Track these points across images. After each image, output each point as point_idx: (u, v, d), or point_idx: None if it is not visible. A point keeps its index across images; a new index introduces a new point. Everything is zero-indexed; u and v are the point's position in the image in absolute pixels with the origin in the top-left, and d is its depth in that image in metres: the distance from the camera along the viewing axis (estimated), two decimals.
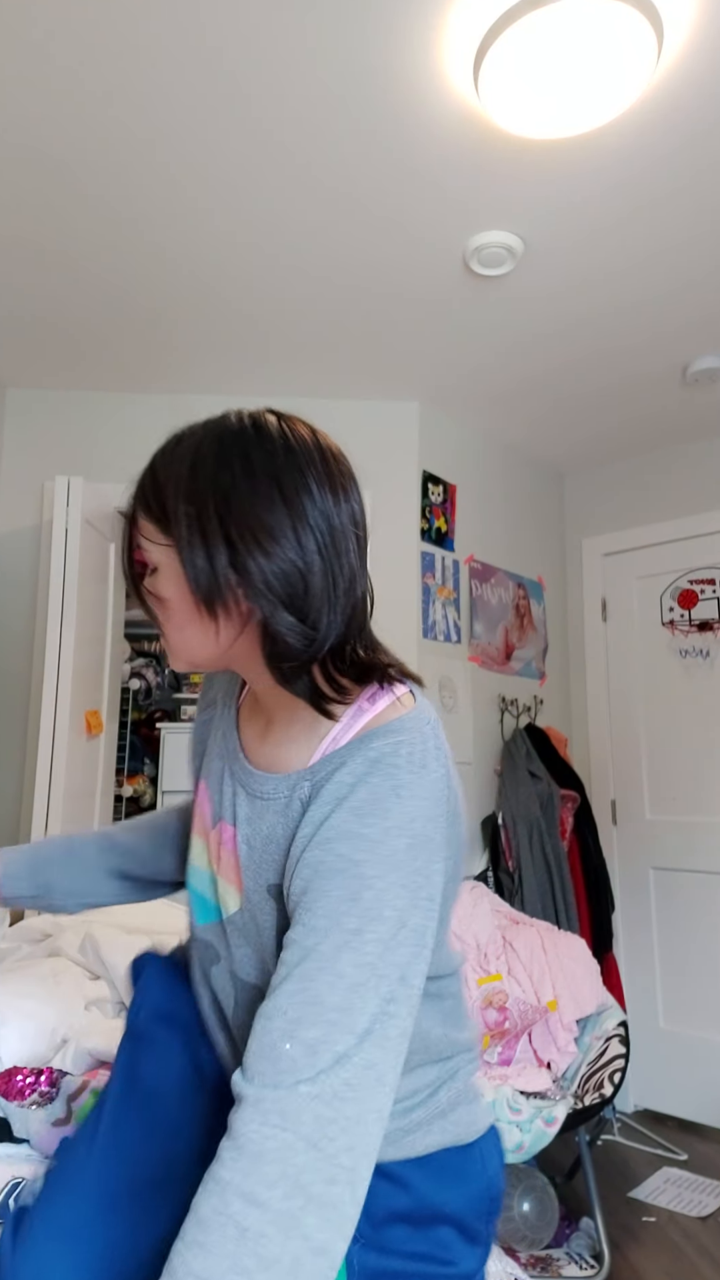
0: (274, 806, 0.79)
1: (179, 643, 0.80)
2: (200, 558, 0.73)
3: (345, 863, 0.70)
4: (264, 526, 0.72)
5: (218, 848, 0.85)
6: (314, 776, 0.77)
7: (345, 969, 0.68)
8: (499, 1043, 2.46)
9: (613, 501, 3.64)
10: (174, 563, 0.75)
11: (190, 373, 2.87)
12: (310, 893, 0.71)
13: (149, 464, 0.79)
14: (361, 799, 0.72)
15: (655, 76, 1.65)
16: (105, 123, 1.78)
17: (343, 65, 1.63)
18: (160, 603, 0.78)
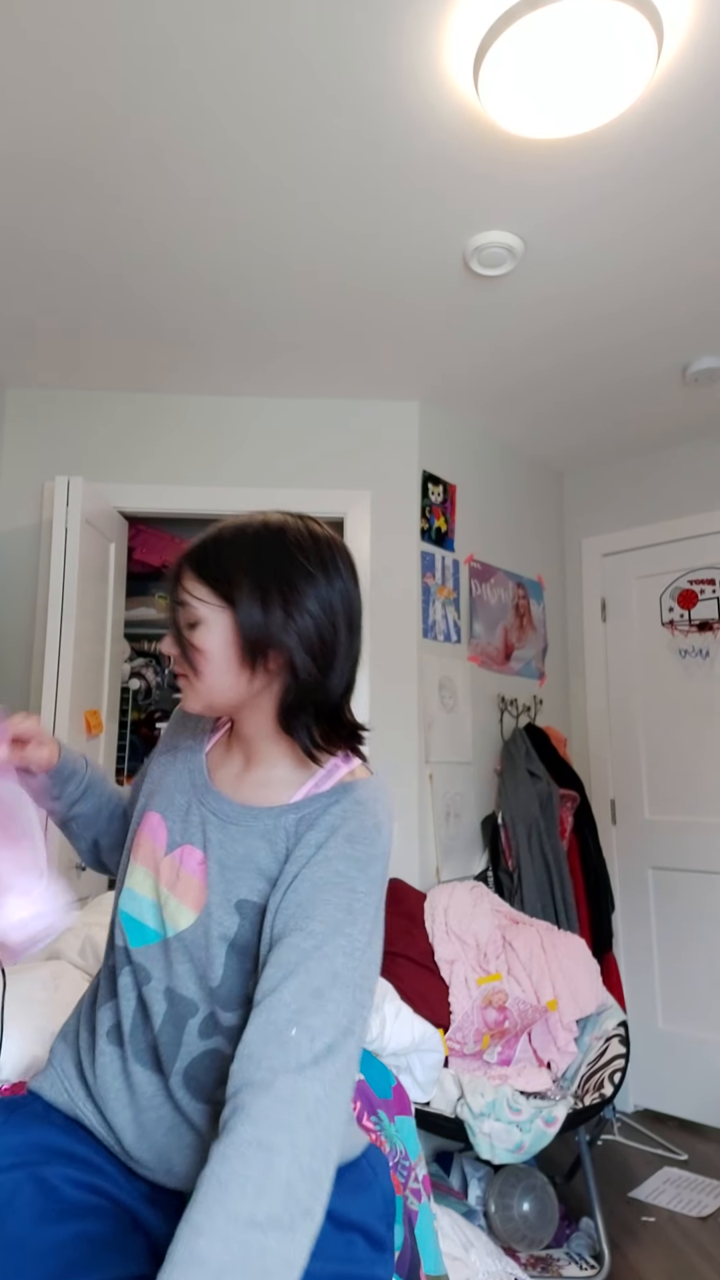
0: (255, 831, 0.95)
1: (208, 688, 0.96)
2: (256, 617, 0.92)
3: (341, 878, 0.88)
4: (306, 598, 0.93)
5: (174, 871, 0.98)
6: (300, 811, 0.95)
7: (340, 968, 0.84)
8: (499, 1043, 2.46)
9: (613, 501, 3.64)
10: (223, 621, 0.94)
11: (190, 373, 2.87)
12: (309, 904, 0.87)
13: (212, 540, 0.97)
14: (353, 829, 0.91)
15: (655, 76, 1.65)
16: (106, 123, 1.77)
17: (343, 65, 1.63)
18: (199, 653, 0.95)
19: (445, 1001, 2.46)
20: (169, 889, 0.97)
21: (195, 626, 0.95)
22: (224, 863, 0.95)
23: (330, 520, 3.06)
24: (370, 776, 1.00)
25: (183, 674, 0.99)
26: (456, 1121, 2.14)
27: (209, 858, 0.96)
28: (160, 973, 0.96)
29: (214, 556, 0.95)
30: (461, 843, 2.98)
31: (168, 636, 0.99)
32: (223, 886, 0.94)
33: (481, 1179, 2.35)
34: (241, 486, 2.98)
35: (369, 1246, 0.93)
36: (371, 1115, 1.49)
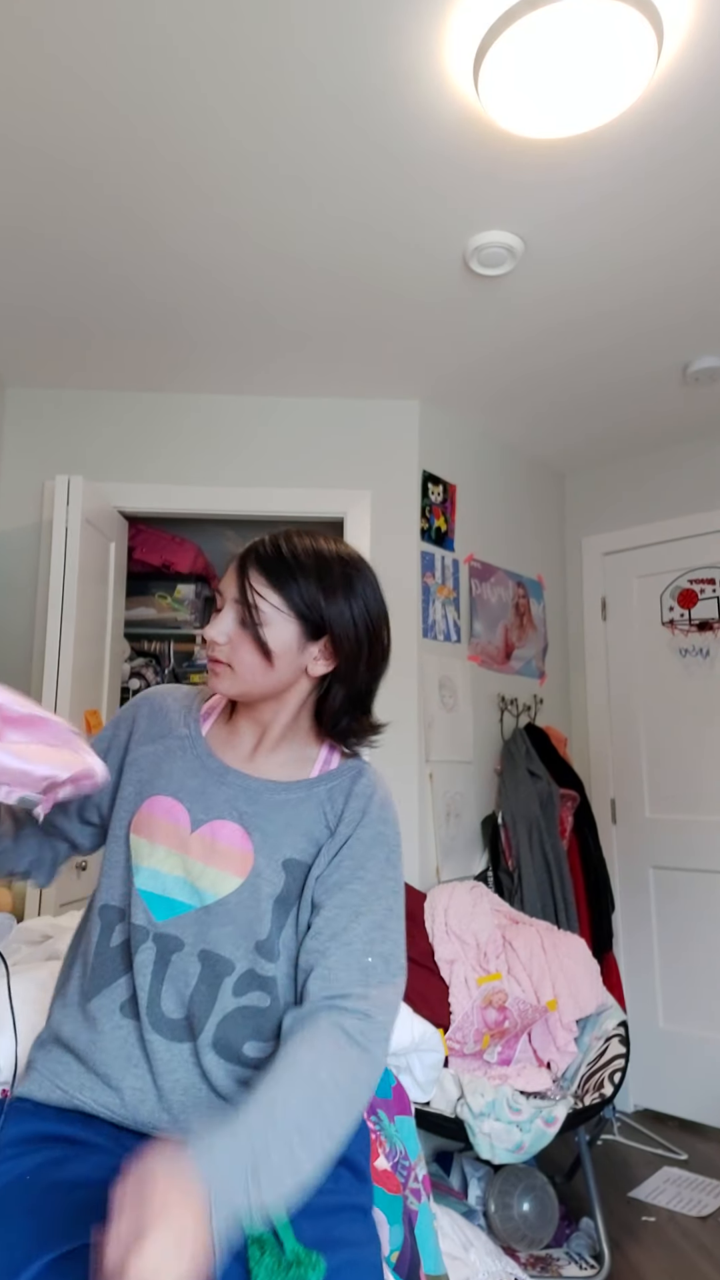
0: (292, 801, 1.11)
1: (256, 681, 1.09)
2: (316, 617, 1.09)
3: (382, 837, 1.11)
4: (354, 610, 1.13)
5: (207, 846, 1.08)
6: (327, 784, 1.14)
7: (395, 907, 1.08)
8: (499, 1042, 2.46)
9: (613, 501, 3.64)
10: (290, 629, 1.08)
11: (190, 372, 2.87)
12: (363, 858, 1.08)
13: (288, 552, 1.10)
14: (382, 797, 1.16)
15: (655, 76, 1.65)
16: (109, 123, 1.77)
17: (343, 65, 1.63)
18: (270, 652, 1.07)
19: (445, 1001, 2.46)
20: (204, 861, 1.07)
21: (263, 627, 1.06)
22: (265, 830, 1.08)
23: (330, 520, 3.06)
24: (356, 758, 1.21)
25: (224, 661, 1.08)
26: (456, 1121, 2.14)
27: (249, 828, 1.08)
28: (193, 938, 1.05)
29: (293, 570, 1.08)
30: (461, 842, 2.98)
31: (217, 622, 1.08)
32: (268, 850, 1.07)
33: (481, 1179, 2.35)
34: (241, 486, 2.98)
35: (353, 1178, 1.05)
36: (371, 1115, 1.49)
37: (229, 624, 1.08)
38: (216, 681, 1.10)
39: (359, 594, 1.14)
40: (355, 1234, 0.99)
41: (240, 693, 1.10)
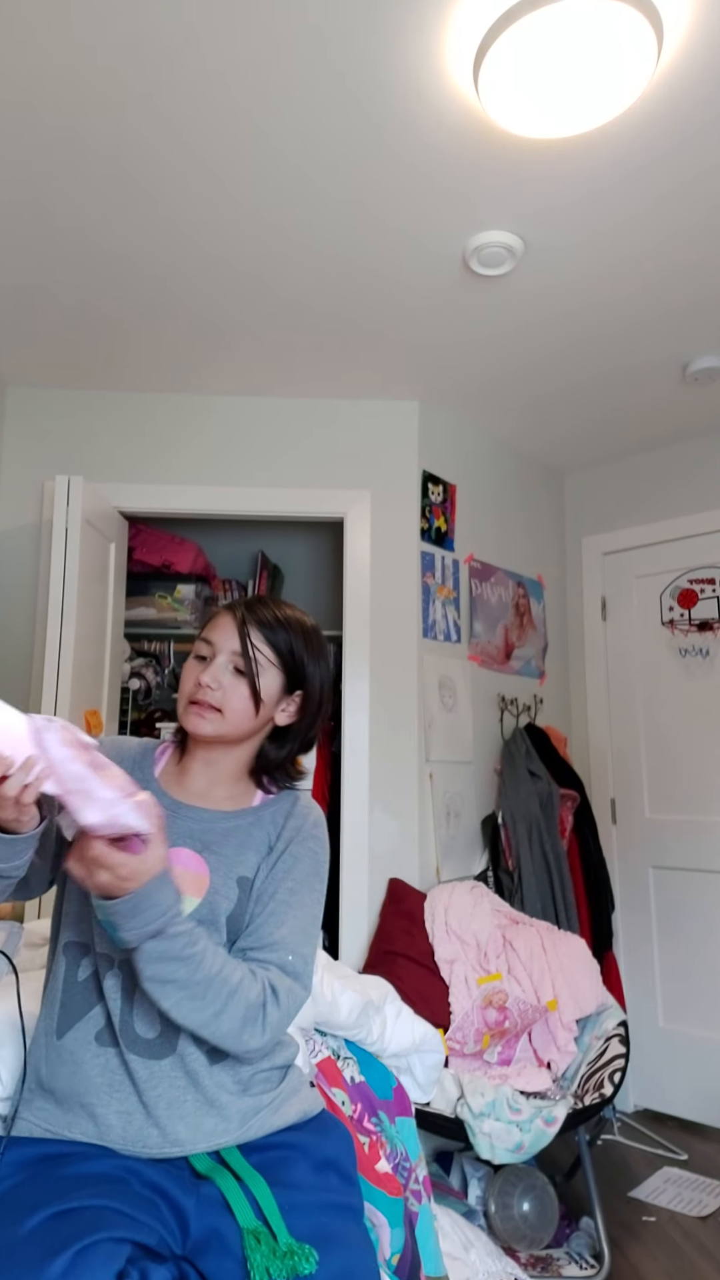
0: (242, 827, 1.23)
1: (241, 724, 1.22)
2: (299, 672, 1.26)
3: (311, 852, 1.24)
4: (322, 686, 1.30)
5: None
6: (270, 809, 1.27)
7: (314, 913, 1.21)
8: (499, 1042, 2.46)
9: (613, 501, 3.63)
10: (278, 680, 1.24)
11: (190, 373, 2.87)
12: (293, 869, 1.21)
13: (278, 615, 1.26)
14: (315, 818, 1.28)
15: (655, 77, 1.65)
16: (106, 122, 1.77)
17: (342, 65, 1.63)
18: (260, 700, 1.21)
19: (445, 1001, 2.47)
20: None
21: (258, 676, 1.21)
22: (220, 853, 1.20)
23: (330, 520, 3.06)
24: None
25: (215, 706, 1.20)
26: (456, 1121, 2.14)
27: (204, 853, 1.19)
28: None
29: (289, 632, 1.25)
30: (461, 843, 2.98)
31: (209, 670, 1.21)
32: (224, 870, 1.18)
33: (481, 1179, 2.35)
34: (242, 486, 2.98)
35: (341, 1180, 1.12)
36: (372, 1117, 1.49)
37: (223, 672, 1.21)
38: (201, 723, 1.20)
39: (326, 656, 1.30)
40: (349, 1234, 1.04)
41: (221, 734, 1.21)
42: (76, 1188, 0.99)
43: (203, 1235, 1.00)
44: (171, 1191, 1.03)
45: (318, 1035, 1.62)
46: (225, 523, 3.77)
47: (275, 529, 3.88)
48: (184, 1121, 1.08)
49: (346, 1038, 1.68)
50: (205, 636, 1.24)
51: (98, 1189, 1.00)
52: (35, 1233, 0.92)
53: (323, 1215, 1.03)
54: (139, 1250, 0.96)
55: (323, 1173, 1.10)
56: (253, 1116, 1.12)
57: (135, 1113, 1.08)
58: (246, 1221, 0.99)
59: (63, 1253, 0.88)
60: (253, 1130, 1.11)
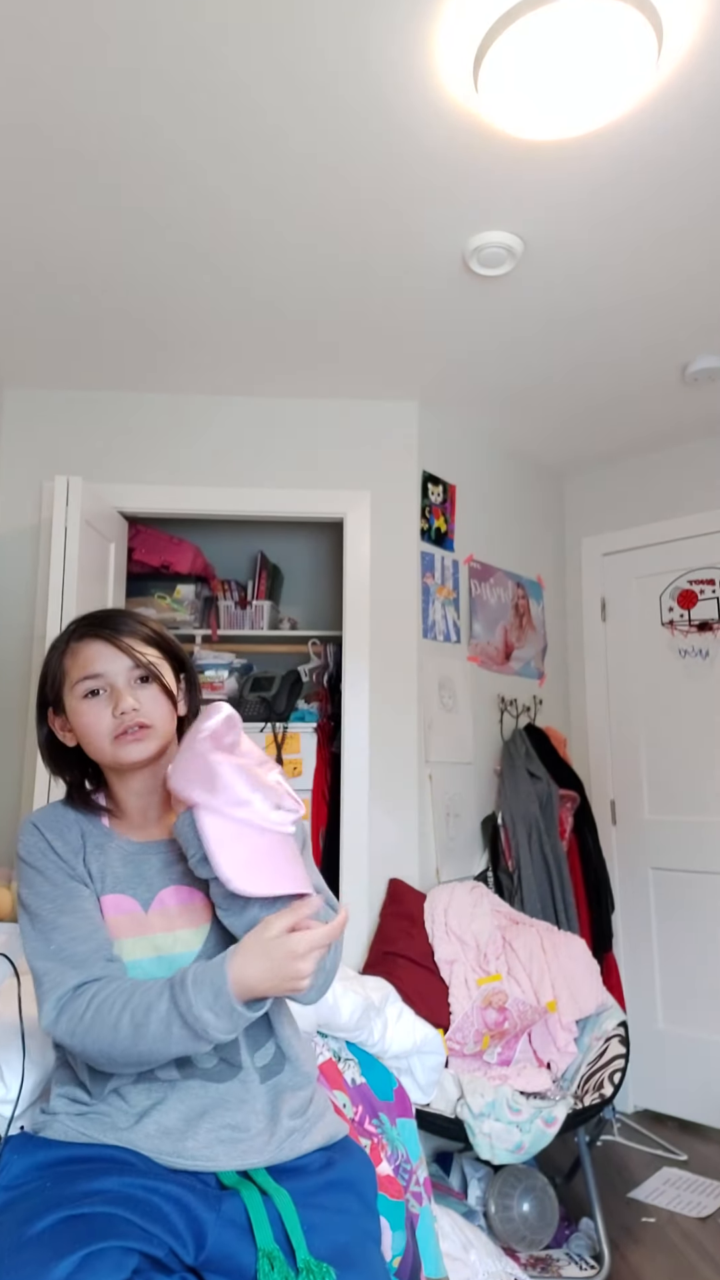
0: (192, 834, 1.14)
1: (168, 727, 1.20)
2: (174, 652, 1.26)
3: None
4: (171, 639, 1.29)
5: (164, 917, 1.16)
6: None
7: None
8: (498, 1043, 2.46)
9: (612, 501, 3.63)
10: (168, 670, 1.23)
11: (189, 374, 2.87)
12: None
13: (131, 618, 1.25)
14: None
15: (655, 77, 1.65)
16: (105, 124, 1.77)
17: (341, 65, 1.63)
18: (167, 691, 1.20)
19: (445, 1002, 2.47)
20: (168, 930, 1.16)
21: (161, 679, 1.19)
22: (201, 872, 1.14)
23: (330, 520, 3.06)
24: None
25: (146, 724, 1.17)
26: (456, 1122, 2.14)
27: (189, 882, 1.17)
28: None
29: (146, 628, 1.24)
30: (461, 843, 2.98)
31: (126, 696, 1.16)
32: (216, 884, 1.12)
33: (481, 1179, 2.35)
34: (241, 487, 2.98)
35: (361, 1205, 1.11)
36: (373, 1119, 1.49)
37: (131, 691, 1.17)
38: (139, 747, 1.17)
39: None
40: (369, 1258, 1.04)
41: (159, 746, 1.19)
42: (87, 1196, 0.99)
43: (218, 1253, 1.00)
44: (192, 1205, 1.03)
45: (319, 1037, 1.62)
46: (225, 523, 3.76)
47: (275, 529, 3.88)
48: (219, 1139, 1.09)
49: (347, 1040, 1.68)
50: (85, 675, 1.17)
51: (112, 1198, 1.00)
52: (45, 1234, 0.92)
53: (342, 1236, 1.04)
54: (147, 1261, 0.95)
55: (344, 1196, 1.11)
56: (285, 1139, 1.12)
57: (174, 1129, 1.09)
58: (265, 1243, 0.99)
59: (69, 1255, 0.88)
60: (284, 1152, 1.11)
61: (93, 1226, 0.93)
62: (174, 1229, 1.00)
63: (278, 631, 3.48)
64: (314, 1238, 1.01)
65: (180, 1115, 1.09)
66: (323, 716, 3.23)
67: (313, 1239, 1.01)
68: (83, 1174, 1.03)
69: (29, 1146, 1.09)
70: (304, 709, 3.23)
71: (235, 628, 3.46)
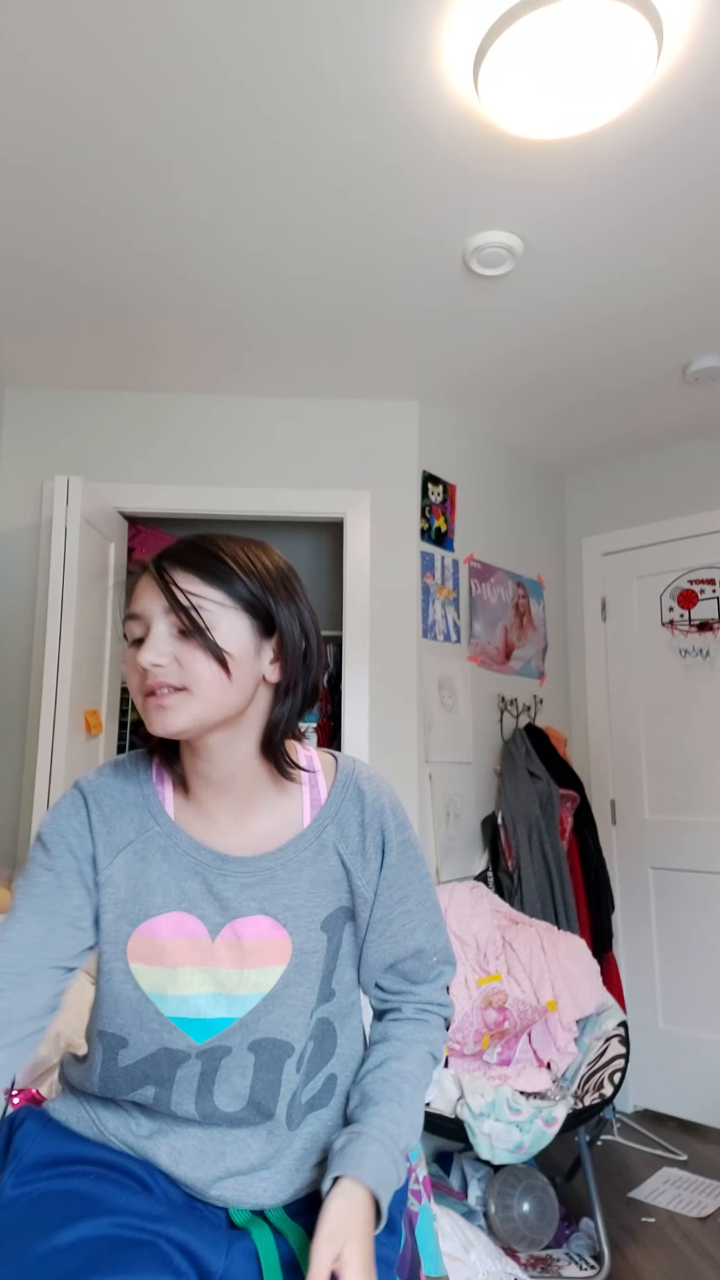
0: (304, 861, 1.00)
1: (218, 699, 0.91)
2: (264, 606, 0.94)
3: (412, 852, 1.07)
4: (299, 602, 0.98)
5: (234, 949, 0.97)
6: (333, 819, 1.02)
7: (436, 901, 1.10)
8: (498, 1043, 2.46)
9: (613, 501, 3.64)
10: (239, 621, 0.93)
11: (190, 373, 2.87)
12: (402, 881, 1.05)
13: (206, 542, 0.96)
14: (391, 804, 1.06)
15: (655, 77, 1.65)
16: (103, 123, 1.77)
17: (342, 65, 1.63)
18: (225, 655, 0.91)
19: None
20: (237, 967, 0.97)
21: (211, 630, 0.90)
22: (293, 908, 0.99)
23: (330, 520, 3.06)
24: (335, 754, 1.09)
25: (176, 685, 0.90)
26: (456, 1121, 2.14)
27: (273, 913, 0.98)
28: (241, 1041, 0.98)
29: (223, 560, 0.93)
30: (461, 843, 2.98)
31: (151, 646, 0.90)
32: (304, 925, 0.99)
33: (481, 1179, 2.35)
34: (241, 486, 2.98)
35: (384, 1230, 0.98)
36: None
37: (165, 642, 0.91)
38: (169, 716, 0.90)
39: (291, 578, 0.99)
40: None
41: (199, 721, 0.91)
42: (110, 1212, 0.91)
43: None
44: (197, 1250, 0.92)
45: None
46: (225, 523, 3.77)
47: (275, 529, 3.88)
48: (232, 1180, 0.99)
49: None
50: (131, 611, 0.94)
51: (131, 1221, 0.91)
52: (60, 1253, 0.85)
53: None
54: None
55: None
56: (303, 1181, 1.01)
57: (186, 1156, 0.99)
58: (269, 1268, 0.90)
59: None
60: (300, 1191, 1.01)
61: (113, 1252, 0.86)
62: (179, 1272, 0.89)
63: None
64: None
65: (194, 1145, 0.99)
66: (323, 716, 3.23)
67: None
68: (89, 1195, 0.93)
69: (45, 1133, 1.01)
70: None
71: None
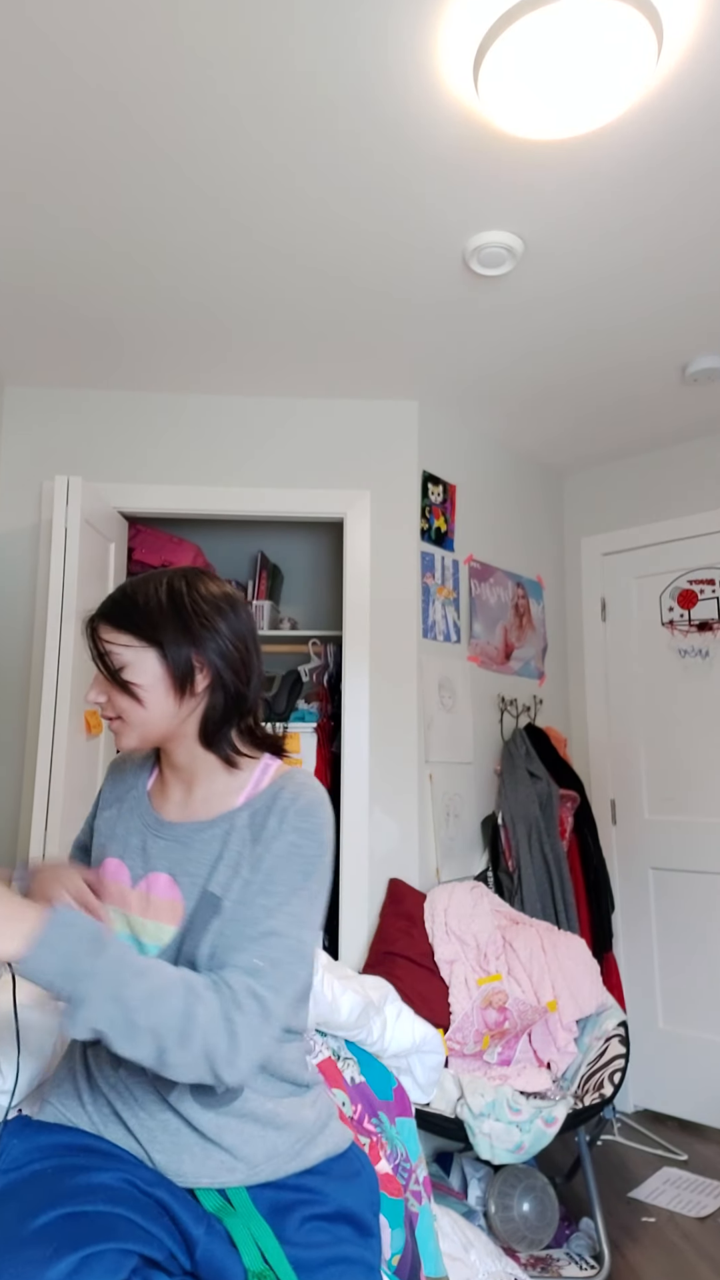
0: (215, 837, 1.11)
1: (143, 721, 1.11)
2: (183, 647, 1.10)
3: (297, 849, 1.07)
4: (219, 626, 1.12)
5: (143, 900, 1.11)
6: (250, 808, 1.12)
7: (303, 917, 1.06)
8: (499, 1043, 2.46)
9: (612, 501, 3.64)
10: (149, 658, 1.10)
11: (190, 373, 2.87)
12: (273, 870, 1.06)
13: (122, 594, 1.13)
14: (304, 805, 1.10)
15: (655, 77, 1.65)
16: (103, 122, 1.77)
17: (342, 66, 1.63)
18: (136, 689, 1.09)
19: (445, 1002, 2.46)
20: (142, 915, 1.11)
21: (123, 669, 1.09)
22: (191, 873, 1.10)
23: (330, 520, 3.06)
24: (299, 770, 1.18)
25: (114, 717, 1.12)
26: (456, 1122, 2.14)
27: (176, 875, 1.11)
28: None
29: (128, 608, 1.11)
30: (461, 843, 2.98)
31: (93, 687, 1.13)
32: (194, 889, 1.09)
33: (481, 1179, 2.35)
34: (241, 486, 2.98)
35: (356, 1233, 1.04)
36: (373, 1118, 1.49)
37: (100, 683, 1.13)
38: (119, 740, 1.13)
39: (212, 605, 1.13)
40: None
41: (142, 739, 1.13)
42: (90, 1192, 0.98)
43: (208, 1266, 0.98)
44: (182, 1217, 1.00)
45: (318, 1036, 1.62)
46: (225, 523, 3.77)
47: (275, 529, 3.88)
48: (187, 1157, 1.05)
49: (347, 1038, 1.68)
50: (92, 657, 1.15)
51: (113, 1195, 0.98)
52: (44, 1231, 0.91)
53: (332, 1269, 0.99)
54: (145, 1263, 0.94)
55: (337, 1224, 1.05)
56: (265, 1161, 1.06)
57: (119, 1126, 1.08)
58: (252, 1263, 0.96)
59: (68, 1256, 0.87)
60: (263, 1174, 1.05)
61: (93, 1226, 0.92)
62: (171, 1231, 0.99)
63: (278, 631, 3.48)
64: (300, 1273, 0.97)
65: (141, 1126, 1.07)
66: (323, 716, 3.23)
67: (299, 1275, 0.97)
68: (82, 1166, 1.02)
69: (27, 1130, 1.08)
70: (304, 709, 3.23)
71: None
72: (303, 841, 1.08)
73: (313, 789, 1.13)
